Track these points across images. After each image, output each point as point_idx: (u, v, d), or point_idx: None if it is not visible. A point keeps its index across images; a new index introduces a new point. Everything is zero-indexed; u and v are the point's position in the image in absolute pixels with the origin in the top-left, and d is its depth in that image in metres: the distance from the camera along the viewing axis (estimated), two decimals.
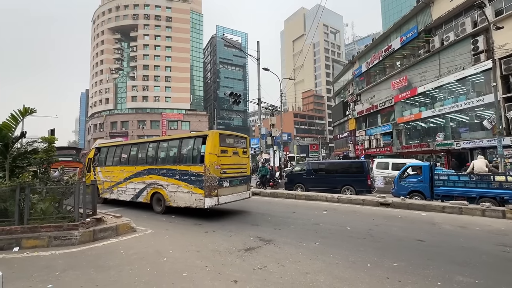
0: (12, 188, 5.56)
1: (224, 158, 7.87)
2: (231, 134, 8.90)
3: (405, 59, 27.38)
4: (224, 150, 7.94)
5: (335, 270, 3.95)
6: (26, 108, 6.36)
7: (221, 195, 7.63)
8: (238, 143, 8.71)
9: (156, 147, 9.22)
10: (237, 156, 8.49)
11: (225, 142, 8.11)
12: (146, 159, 9.34)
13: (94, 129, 56.35)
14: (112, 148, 10.93)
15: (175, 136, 9.07)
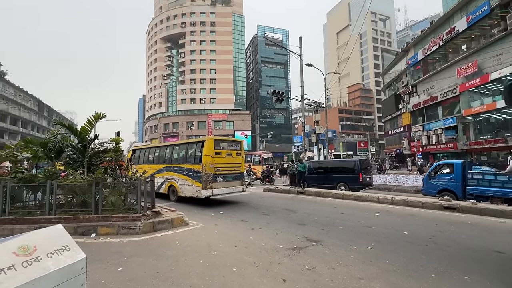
0: (89, 183, 6.49)
1: (218, 159, 9.69)
2: (225, 139, 11.05)
3: (473, 41, 23.68)
4: (218, 152, 9.82)
5: (392, 278, 3.62)
6: (98, 113, 7.36)
7: (215, 188, 9.48)
8: (232, 146, 10.53)
9: (171, 149, 11.57)
10: (230, 157, 10.28)
11: (219, 146, 10.02)
12: (165, 159, 11.62)
13: (150, 131, 62.47)
14: (143, 150, 13.56)
15: (184, 141, 11.56)
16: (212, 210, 9.04)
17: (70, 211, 6.56)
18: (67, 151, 7.91)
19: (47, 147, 7.65)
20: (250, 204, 10.15)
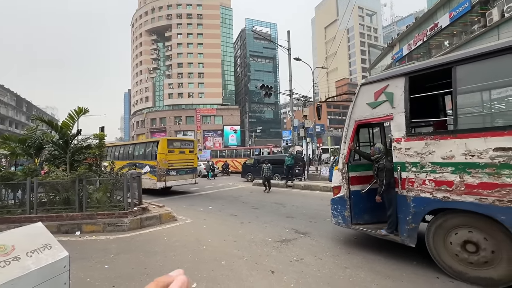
0: (72, 179, 6.29)
1: (171, 156, 11.39)
2: (178, 139, 13.43)
3: (455, 37, 24.41)
4: (171, 150, 11.53)
5: (377, 267, 3.76)
6: (81, 108, 7.09)
7: (168, 180, 11.11)
8: (184, 145, 12.34)
9: (133, 148, 13.39)
10: (183, 154, 12.06)
11: (172, 145, 11.79)
12: (128, 156, 13.17)
13: (137, 126, 60.97)
14: (110, 147, 14.40)
15: (143, 141, 14.00)
16: (202, 205, 9.00)
17: (53, 209, 6.34)
18: (47, 147, 7.61)
19: (26, 143, 7.33)
20: (239, 199, 10.18)
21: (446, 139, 3.35)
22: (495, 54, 3.05)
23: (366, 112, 4.27)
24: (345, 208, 4.49)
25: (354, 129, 4.46)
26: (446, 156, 3.32)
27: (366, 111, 4.27)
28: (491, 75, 3.27)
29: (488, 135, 3.00)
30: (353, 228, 4.55)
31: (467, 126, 3.30)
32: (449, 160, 3.29)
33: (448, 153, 3.31)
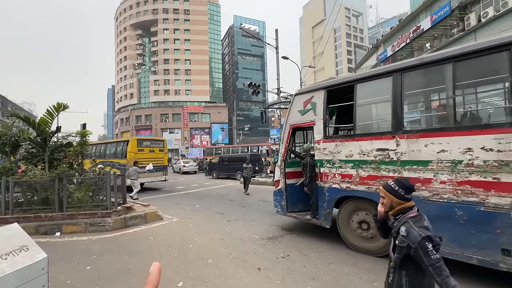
0: (51, 178, 6.04)
1: (141, 154, 11.91)
2: (148, 138, 14.75)
3: (436, 40, 25.37)
4: (141, 149, 12.19)
5: (360, 262, 3.88)
6: (60, 104, 6.79)
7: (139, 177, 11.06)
8: (154, 145, 13.03)
9: (105, 147, 13.77)
10: (153, 153, 12.70)
11: (142, 144, 12.43)
12: (100, 154, 13.50)
13: (121, 123, 59.21)
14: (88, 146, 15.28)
15: (114, 140, 14.78)
16: (188, 204, 8.91)
17: (31, 210, 6.06)
18: (24, 145, 7.26)
19: (1, 140, 6.95)
20: (226, 197, 10.16)
21: (349, 141, 4.30)
22: (377, 77, 4.07)
23: (297, 118, 5.11)
24: (282, 199, 5.34)
25: (289, 132, 5.30)
26: (348, 154, 4.25)
27: (297, 117, 5.11)
28: (376, 92, 4.23)
29: (373, 139, 3.94)
30: (288, 215, 5.36)
31: (361, 131, 4.22)
32: (350, 158, 4.22)
33: (349, 152, 4.23)
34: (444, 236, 2.90)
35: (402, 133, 3.62)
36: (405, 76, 3.71)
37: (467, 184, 3.08)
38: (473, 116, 3.65)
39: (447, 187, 3.23)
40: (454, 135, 3.19)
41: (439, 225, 3.15)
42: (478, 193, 3.01)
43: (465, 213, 3.08)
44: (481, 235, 2.98)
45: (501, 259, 2.84)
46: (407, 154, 3.57)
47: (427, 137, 3.41)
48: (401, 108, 3.68)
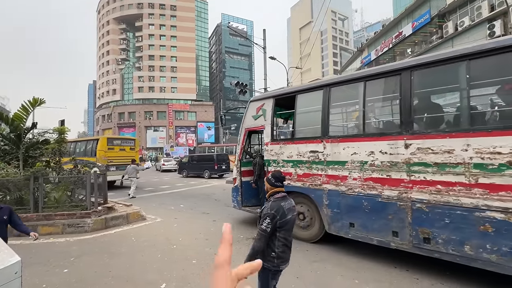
0: (26, 177, 5.73)
1: (111, 153, 12.25)
2: (118, 137, 15.38)
3: (416, 46, 26.45)
4: (111, 148, 12.46)
5: (343, 258, 3.98)
6: (36, 99, 6.46)
7: (109, 175, 10.58)
8: (125, 143, 13.58)
9: (75, 145, 13.99)
10: (123, 151, 13.10)
11: (112, 143, 12.80)
12: (69, 153, 13.40)
13: (103, 120, 57.09)
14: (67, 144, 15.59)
15: (84, 138, 15.50)
16: (172, 203, 8.75)
17: None
18: None
19: None
20: (212, 197, 10.08)
21: (290, 144, 4.93)
22: (312, 90, 4.84)
23: (251, 122, 5.69)
24: (238, 194, 5.86)
25: (245, 135, 5.89)
26: (289, 155, 4.88)
27: (251, 122, 5.69)
28: (311, 102, 4.85)
29: (307, 142, 4.62)
30: (243, 209, 5.89)
31: (299, 135, 4.90)
32: (290, 158, 4.86)
33: (290, 153, 4.86)
34: (356, 222, 3.96)
35: (327, 138, 4.33)
36: (332, 90, 4.42)
37: (370, 180, 3.81)
38: (375, 125, 4.40)
39: (357, 183, 3.95)
40: (362, 141, 3.93)
41: (353, 214, 4.01)
42: (377, 187, 3.74)
43: (369, 203, 3.81)
44: (379, 221, 3.73)
45: (391, 240, 3.60)
46: (331, 155, 4.28)
47: (344, 142, 4.14)
48: (327, 117, 4.39)
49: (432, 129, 3.45)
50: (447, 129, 3.34)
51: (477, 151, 2.96)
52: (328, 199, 4.27)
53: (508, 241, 2.76)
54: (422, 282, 3.25)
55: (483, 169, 2.92)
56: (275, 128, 5.29)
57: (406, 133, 3.49)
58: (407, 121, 3.50)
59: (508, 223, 2.76)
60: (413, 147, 3.41)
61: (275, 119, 5.36)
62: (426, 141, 3.32)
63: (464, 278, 3.27)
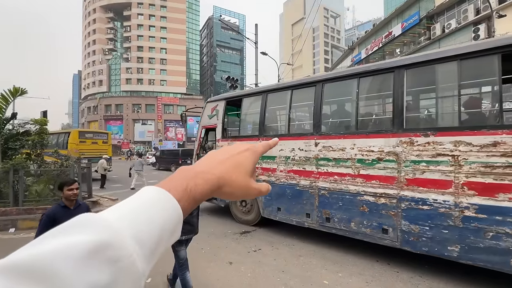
0: (5, 170, 5.51)
1: (82, 145, 12.72)
2: (91, 131, 15.81)
3: (405, 46, 26.99)
4: (83, 141, 13.01)
5: (327, 253, 4.07)
6: (17, 88, 6.18)
7: None
8: (98, 137, 14.20)
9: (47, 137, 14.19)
10: (96, 144, 13.63)
11: (84, 136, 13.36)
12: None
13: (88, 112, 55.29)
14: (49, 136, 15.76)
15: (57, 131, 14.71)
16: None
17: None
18: None
19: None
20: None
21: (235, 141, 5.69)
22: (254, 95, 5.67)
23: (207, 120, 6.35)
24: None
25: (201, 131, 6.59)
26: None
27: (207, 120, 6.35)
28: (252, 106, 5.61)
29: (248, 139, 5.41)
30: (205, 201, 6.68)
31: (243, 133, 5.77)
32: None
33: None
34: (282, 207, 4.80)
35: (263, 136, 5.05)
36: (268, 96, 5.18)
37: (292, 172, 4.65)
38: (297, 127, 5.18)
39: (283, 174, 4.76)
40: (287, 140, 4.68)
41: (280, 200, 4.87)
42: (296, 178, 4.58)
43: (290, 191, 4.66)
44: (297, 205, 4.58)
45: (305, 220, 4.46)
46: None
47: None
48: (264, 119, 5.12)
49: (332, 131, 4.35)
50: (341, 131, 4.18)
51: (359, 149, 3.78)
52: None
53: (376, 217, 3.63)
54: (402, 275, 3.38)
55: (362, 163, 3.76)
56: (225, 127, 6.06)
57: (316, 134, 4.32)
58: (317, 124, 4.33)
59: (376, 204, 3.62)
60: (320, 145, 4.24)
61: (226, 119, 6.09)
62: (329, 141, 4.15)
63: (440, 271, 3.42)
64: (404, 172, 3.38)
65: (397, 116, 3.49)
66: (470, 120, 3.26)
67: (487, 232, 2.85)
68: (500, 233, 2.79)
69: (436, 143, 3.16)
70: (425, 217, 3.24)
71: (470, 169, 2.94)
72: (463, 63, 3.08)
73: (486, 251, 2.86)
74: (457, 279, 3.25)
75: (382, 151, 3.56)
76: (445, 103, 3.87)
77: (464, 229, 2.98)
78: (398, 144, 3.44)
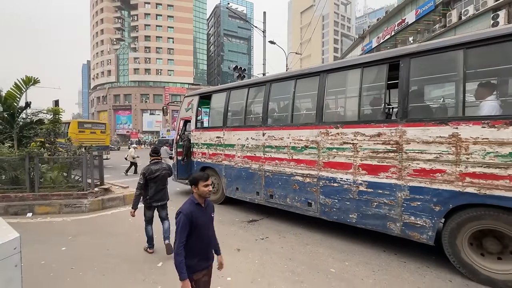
0: (21, 157, 5.70)
1: (82, 135, 13.35)
2: (89, 121, 16.83)
3: (418, 34, 25.99)
4: (82, 130, 13.79)
5: (334, 243, 4.11)
6: (30, 77, 6.29)
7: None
8: (96, 127, 14.98)
9: None
10: (94, 134, 14.44)
11: (83, 126, 14.21)
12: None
13: (98, 102, 56.06)
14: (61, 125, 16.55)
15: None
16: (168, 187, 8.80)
17: None
18: None
19: None
20: None
21: (205, 131, 6.57)
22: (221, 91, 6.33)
23: (184, 113, 7.28)
24: (175, 170, 7.24)
25: (180, 123, 7.62)
26: (205, 140, 6.48)
27: (184, 113, 7.28)
28: (219, 101, 6.28)
29: (215, 130, 6.22)
30: (178, 181, 7.42)
31: (211, 125, 6.55)
32: (206, 142, 6.46)
33: (205, 138, 6.47)
34: (239, 187, 5.68)
35: (226, 127, 5.90)
36: (231, 93, 5.97)
37: (246, 157, 5.46)
38: (250, 120, 5.70)
39: (240, 159, 5.60)
40: (243, 130, 5.52)
41: (237, 181, 5.70)
42: (249, 162, 5.42)
43: (245, 173, 5.51)
44: (250, 185, 5.42)
45: (256, 197, 5.33)
46: (227, 140, 5.87)
47: (234, 130, 5.75)
48: (227, 112, 5.96)
49: (275, 124, 5.08)
50: (281, 124, 4.98)
51: (293, 138, 4.61)
52: (225, 171, 5.97)
53: (303, 194, 4.45)
54: (409, 265, 3.39)
55: (295, 150, 4.60)
56: (198, 119, 6.92)
57: (264, 126, 5.13)
58: (265, 118, 5.16)
59: (303, 183, 4.48)
60: (266, 135, 5.07)
61: (199, 112, 6.99)
62: (272, 131, 4.97)
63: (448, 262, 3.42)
64: (322, 157, 4.25)
65: (319, 112, 4.31)
66: (365, 116, 4.01)
67: (373, 202, 3.69)
68: (380, 203, 3.62)
69: (343, 133, 3.98)
70: (335, 192, 4.08)
71: (363, 154, 3.76)
72: (364, 71, 3.90)
73: (372, 217, 3.72)
74: None
75: (308, 140, 4.41)
76: (350, 103, 4.65)
77: (359, 201, 3.83)
78: (319, 134, 4.27)
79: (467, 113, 3.07)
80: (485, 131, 2.83)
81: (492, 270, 2.90)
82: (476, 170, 2.89)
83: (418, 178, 3.28)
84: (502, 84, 3.43)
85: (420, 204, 3.29)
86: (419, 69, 3.51)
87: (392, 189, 3.48)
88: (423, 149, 3.23)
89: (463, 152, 2.96)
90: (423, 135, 3.23)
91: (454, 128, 3.02)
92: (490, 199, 2.82)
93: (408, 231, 3.40)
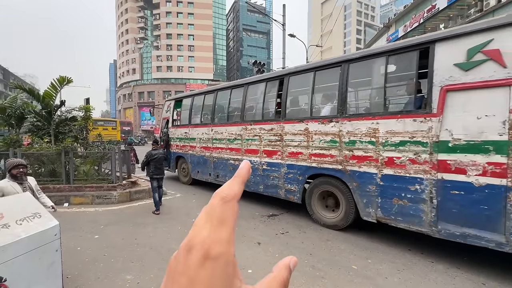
0: (58, 152, 6.16)
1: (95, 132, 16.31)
2: (101, 119, 21.18)
3: (451, 20, 24.16)
4: (95, 128, 15.05)
5: (357, 241, 4.02)
6: (63, 77, 6.74)
7: None
8: (108, 124, 18.73)
9: None
10: (106, 130, 17.14)
11: (96, 124, 15.76)
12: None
13: (124, 99, 58.80)
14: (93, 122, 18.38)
15: None
16: None
17: (38, 181, 6.22)
18: (29, 117, 7.31)
19: (6, 113, 7.00)
20: None
21: (178, 128, 8.22)
22: (189, 97, 7.98)
23: (165, 114, 8.92)
24: None
25: (162, 121, 9.24)
26: (178, 135, 8.14)
27: (165, 114, 8.93)
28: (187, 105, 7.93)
29: (183, 127, 7.93)
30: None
31: (182, 123, 8.27)
32: (179, 136, 8.11)
33: (179, 133, 8.11)
34: (199, 170, 7.46)
35: (190, 125, 7.59)
36: (194, 98, 7.65)
37: (202, 148, 7.10)
38: (206, 118, 7.18)
39: (198, 149, 7.25)
40: (200, 127, 7.17)
41: (197, 166, 7.36)
42: (204, 151, 7.05)
43: (201, 160, 7.13)
44: (205, 169, 7.05)
45: (209, 177, 6.96)
46: (191, 134, 7.49)
47: (195, 127, 7.36)
48: (190, 113, 7.68)
49: (218, 122, 6.64)
50: (222, 122, 6.54)
51: (228, 132, 6.20)
52: (190, 159, 7.65)
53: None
54: (437, 265, 3.24)
55: (229, 141, 6.20)
56: (174, 119, 8.54)
57: (212, 124, 6.75)
58: (213, 117, 6.78)
59: (235, 165, 6.05)
60: (214, 130, 6.67)
61: (178, 113, 8.56)
62: (217, 128, 6.58)
63: (481, 263, 3.22)
64: (243, 145, 5.84)
65: (242, 113, 5.93)
66: (266, 115, 5.51)
67: (270, 176, 5.32)
68: (274, 176, 5.25)
69: (254, 129, 5.60)
70: (252, 170, 4.62)
71: (265, 143, 5.36)
72: (248, 88, 6.00)
73: (270, 186, 5.36)
74: (500, 272, 3.03)
75: (236, 133, 5.99)
76: (258, 107, 5.81)
77: (263, 176, 5.46)
78: (242, 129, 5.86)
79: (314, 114, 4.64)
80: (320, 126, 4.46)
81: (327, 217, 4.58)
82: (316, 151, 4.51)
83: (291, 158, 4.93)
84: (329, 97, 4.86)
85: (292, 176, 4.95)
86: (315, 86, 4.82)
87: (279, 166, 5.13)
88: (292, 138, 4.87)
89: (310, 140, 4.59)
90: (293, 129, 4.86)
91: (306, 124, 4.65)
92: (322, 170, 4.45)
93: (288, 194, 5.09)
